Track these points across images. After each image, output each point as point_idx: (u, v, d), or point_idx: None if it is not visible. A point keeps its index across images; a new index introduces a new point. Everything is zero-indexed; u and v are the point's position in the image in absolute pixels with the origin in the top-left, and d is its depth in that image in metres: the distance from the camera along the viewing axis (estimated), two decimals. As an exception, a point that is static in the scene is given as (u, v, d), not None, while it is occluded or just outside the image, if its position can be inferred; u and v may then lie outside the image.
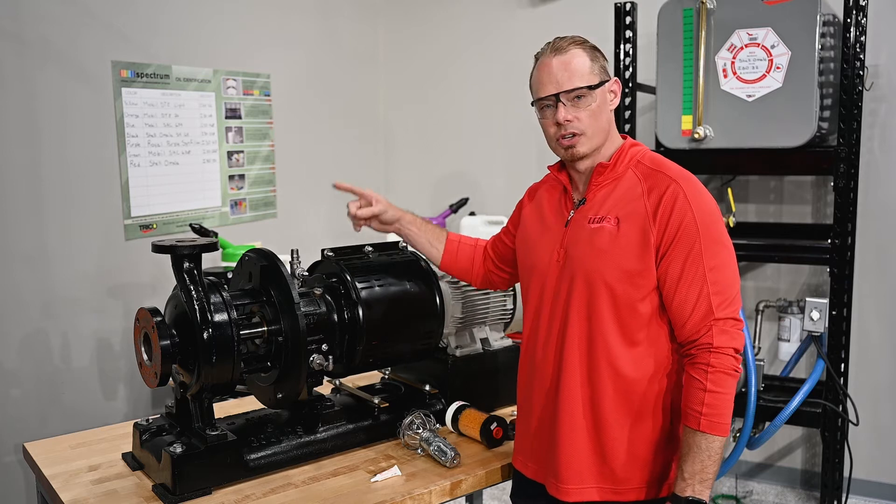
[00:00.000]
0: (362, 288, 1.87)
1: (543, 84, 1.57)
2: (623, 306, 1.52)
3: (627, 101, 3.34)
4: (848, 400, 2.98)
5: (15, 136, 2.98)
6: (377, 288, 1.88)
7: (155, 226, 3.38)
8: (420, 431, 1.83)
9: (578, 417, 1.57)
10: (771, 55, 2.91)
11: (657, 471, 1.57)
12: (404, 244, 2.05)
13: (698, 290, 1.47)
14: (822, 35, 2.86)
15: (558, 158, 1.69)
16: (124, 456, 1.81)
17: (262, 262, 1.76)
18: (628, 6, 3.28)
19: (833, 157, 2.91)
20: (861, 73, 2.86)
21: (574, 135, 1.56)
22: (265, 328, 1.73)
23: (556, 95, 1.55)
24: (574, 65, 1.55)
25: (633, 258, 1.51)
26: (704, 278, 1.47)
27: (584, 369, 1.56)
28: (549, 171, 1.73)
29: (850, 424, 3.00)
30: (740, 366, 1.49)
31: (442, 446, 1.77)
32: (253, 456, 1.71)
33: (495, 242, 1.93)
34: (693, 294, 1.48)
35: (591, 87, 1.55)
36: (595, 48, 1.60)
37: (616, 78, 1.62)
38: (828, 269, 3.01)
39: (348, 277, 1.87)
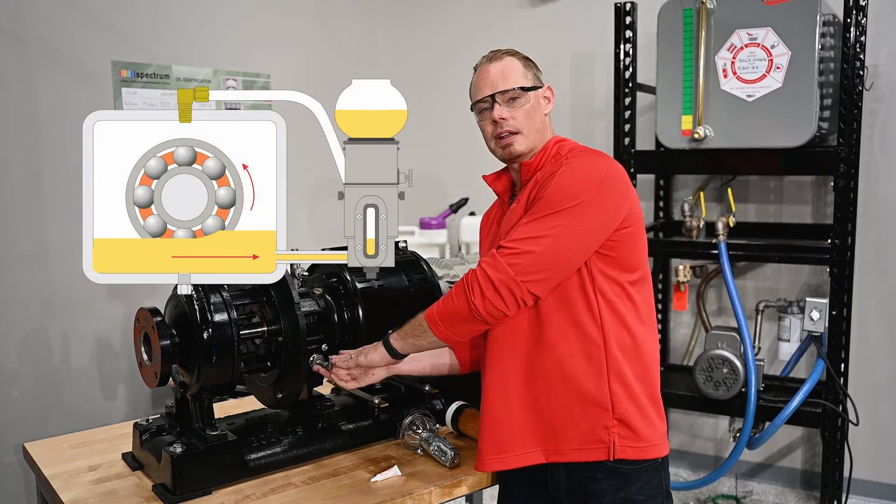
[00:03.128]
0: (362, 288, 1.87)
1: (481, 88, 1.73)
2: None
3: (627, 101, 3.34)
4: (848, 400, 2.98)
5: (15, 136, 2.98)
6: (377, 287, 1.88)
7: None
8: (420, 431, 1.83)
9: (510, 391, 1.64)
10: (771, 55, 2.91)
11: (588, 430, 1.59)
12: (404, 244, 2.05)
13: (509, 229, 1.60)
14: (822, 35, 2.86)
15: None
16: (124, 456, 1.81)
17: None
18: (628, 6, 3.28)
19: (833, 157, 2.91)
20: (861, 73, 2.86)
21: (510, 133, 1.68)
22: (265, 328, 1.74)
23: (493, 96, 1.69)
24: (508, 69, 1.70)
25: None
26: (519, 222, 1.58)
27: (520, 352, 1.63)
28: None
29: (850, 424, 3.01)
30: (479, 284, 1.52)
31: (442, 446, 1.77)
32: (253, 456, 1.71)
33: None
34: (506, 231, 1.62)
35: (524, 89, 1.68)
36: (528, 59, 1.75)
37: (549, 85, 1.74)
38: (828, 269, 3.01)
39: (348, 277, 1.87)
